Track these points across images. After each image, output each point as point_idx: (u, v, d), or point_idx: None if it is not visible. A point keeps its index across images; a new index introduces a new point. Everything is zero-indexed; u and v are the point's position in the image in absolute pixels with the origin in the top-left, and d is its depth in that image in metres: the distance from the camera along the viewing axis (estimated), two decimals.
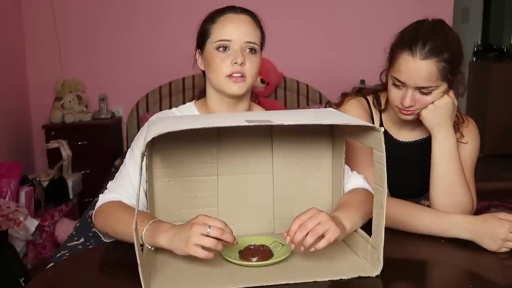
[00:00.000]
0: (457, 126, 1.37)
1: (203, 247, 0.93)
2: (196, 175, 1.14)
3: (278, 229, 1.19)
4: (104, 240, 1.20)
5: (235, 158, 1.16)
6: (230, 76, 1.20)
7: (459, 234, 1.18)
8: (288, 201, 1.19)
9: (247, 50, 1.21)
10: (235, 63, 1.19)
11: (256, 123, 0.92)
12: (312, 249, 0.98)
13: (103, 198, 1.19)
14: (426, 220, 1.22)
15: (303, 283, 0.95)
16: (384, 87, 1.39)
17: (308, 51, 3.65)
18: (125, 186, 1.19)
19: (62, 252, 1.82)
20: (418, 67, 1.23)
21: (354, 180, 1.24)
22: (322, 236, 0.98)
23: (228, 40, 1.20)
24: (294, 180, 1.20)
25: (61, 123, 3.27)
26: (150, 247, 1.02)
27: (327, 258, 1.05)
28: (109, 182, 1.24)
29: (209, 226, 0.94)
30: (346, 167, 1.25)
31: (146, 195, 1.12)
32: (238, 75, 1.20)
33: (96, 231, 1.22)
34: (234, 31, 1.20)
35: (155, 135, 0.86)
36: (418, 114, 1.31)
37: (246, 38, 1.20)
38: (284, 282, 0.94)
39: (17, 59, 3.39)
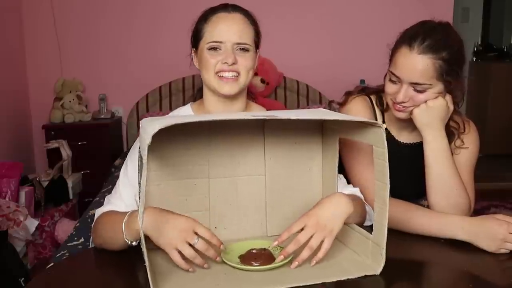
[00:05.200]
0: (457, 133, 1.37)
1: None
2: (187, 177, 1.13)
3: (271, 231, 1.19)
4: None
5: (227, 160, 1.15)
6: (220, 77, 1.21)
7: (456, 235, 1.17)
8: (280, 203, 1.18)
9: (238, 49, 1.22)
10: (224, 63, 1.20)
11: (248, 117, 0.95)
12: (313, 262, 1.00)
13: (98, 212, 1.20)
14: (423, 220, 1.22)
15: (309, 285, 0.94)
16: None
17: (308, 51, 3.65)
18: (121, 197, 1.21)
19: (62, 252, 1.82)
20: (413, 61, 1.23)
21: (350, 190, 1.25)
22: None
23: (220, 42, 1.21)
24: (286, 181, 1.19)
25: (61, 123, 3.27)
26: (131, 242, 1.03)
27: (327, 258, 1.04)
28: (106, 196, 1.25)
29: (198, 238, 0.96)
30: (343, 179, 1.27)
31: (137, 202, 1.13)
32: (230, 75, 1.21)
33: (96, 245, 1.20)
34: (225, 32, 1.21)
35: (153, 133, 0.85)
36: (411, 113, 1.31)
37: (236, 39, 1.21)
38: (293, 285, 0.93)
39: (17, 59, 3.39)
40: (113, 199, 1.21)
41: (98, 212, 1.20)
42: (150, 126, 0.88)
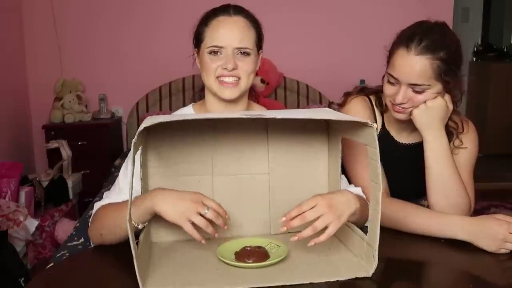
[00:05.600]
0: (456, 133, 1.37)
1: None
2: (191, 174, 1.15)
3: (274, 230, 1.19)
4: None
5: (231, 158, 1.16)
6: (221, 81, 1.21)
7: (456, 234, 1.17)
8: (284, 201, 1.18)
9: (239, 54, 1.22)
10: (224, 68, 1.20)
11: (249, 116, 0.96)
12: (312, 243, 0.99)
13: (97, 205, 1.20)
14: (423, 220, 1.22)
15: (299, 284, 0.94)
16: None
17: (308, 51, 3.65)
18: (120, 194, 1.20)
19: (62, 252, 1.82)
20: (411, 62, 1.23)
21: (353, 189, 1.24)
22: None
23: (220, 47, 1.21)
24: (290, 180, 1.20)
25: (61, 123, 3.27)
26: (137, 225, 1.04)
27: (323, 258, 1.04)
28: (105, 192, 1.25)
29: (207, 208, 1.02)
30: (345, 179, 1.26)
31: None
32: (231, 79, 1.21)
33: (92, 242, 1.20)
34: (225, 36, 1.20)
35: (151, 124, 0.87)
36: (410, 114, 1.31)
37: (237, 44, 1.20)
38: (280, 284, 0.94)
39: (17, 59, 3.39)
40: (111, 195, 1.21)
41: (97, 205, 1.20)
42: (146, 124, 0.90)
